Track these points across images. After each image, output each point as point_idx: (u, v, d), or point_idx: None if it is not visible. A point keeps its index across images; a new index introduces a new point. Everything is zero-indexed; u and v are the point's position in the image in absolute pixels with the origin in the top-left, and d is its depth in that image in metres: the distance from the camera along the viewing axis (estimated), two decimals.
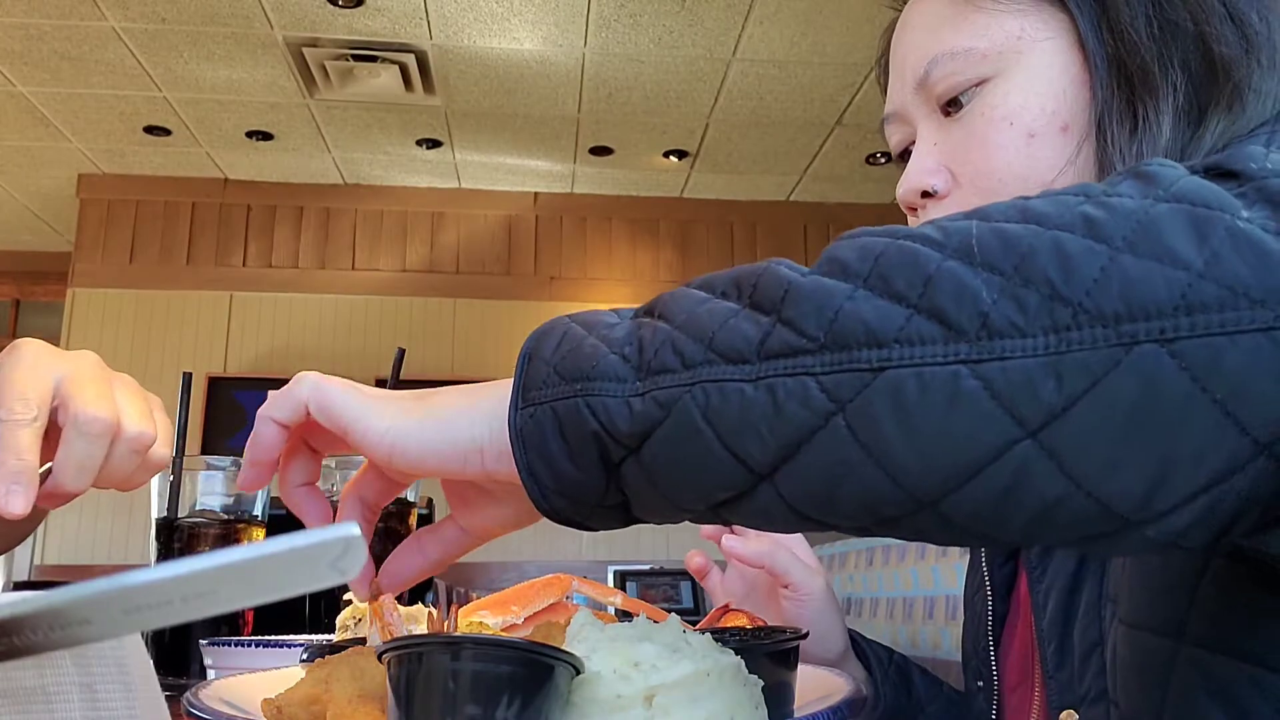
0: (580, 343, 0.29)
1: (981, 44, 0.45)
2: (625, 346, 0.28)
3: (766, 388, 0.25)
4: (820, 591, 0.56)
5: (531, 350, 0.30)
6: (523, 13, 2.68)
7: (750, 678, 0.30)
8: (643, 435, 0.27)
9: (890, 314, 0.24)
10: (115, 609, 0.22)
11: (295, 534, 0.22)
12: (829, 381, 0.25)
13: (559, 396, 0.28)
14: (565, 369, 0.29)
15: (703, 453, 0.26)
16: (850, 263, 0.26)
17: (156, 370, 3.50)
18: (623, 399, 0.27)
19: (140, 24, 2.70)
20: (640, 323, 0.29)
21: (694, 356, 0.27)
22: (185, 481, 0.69)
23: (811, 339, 0.25)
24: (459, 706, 0.26)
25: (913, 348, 0.24)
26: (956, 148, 0.46)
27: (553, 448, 0.29)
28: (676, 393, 0.26)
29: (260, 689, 0.35)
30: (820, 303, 0.25)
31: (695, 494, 0.27)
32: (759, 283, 0.27)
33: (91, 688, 0.28)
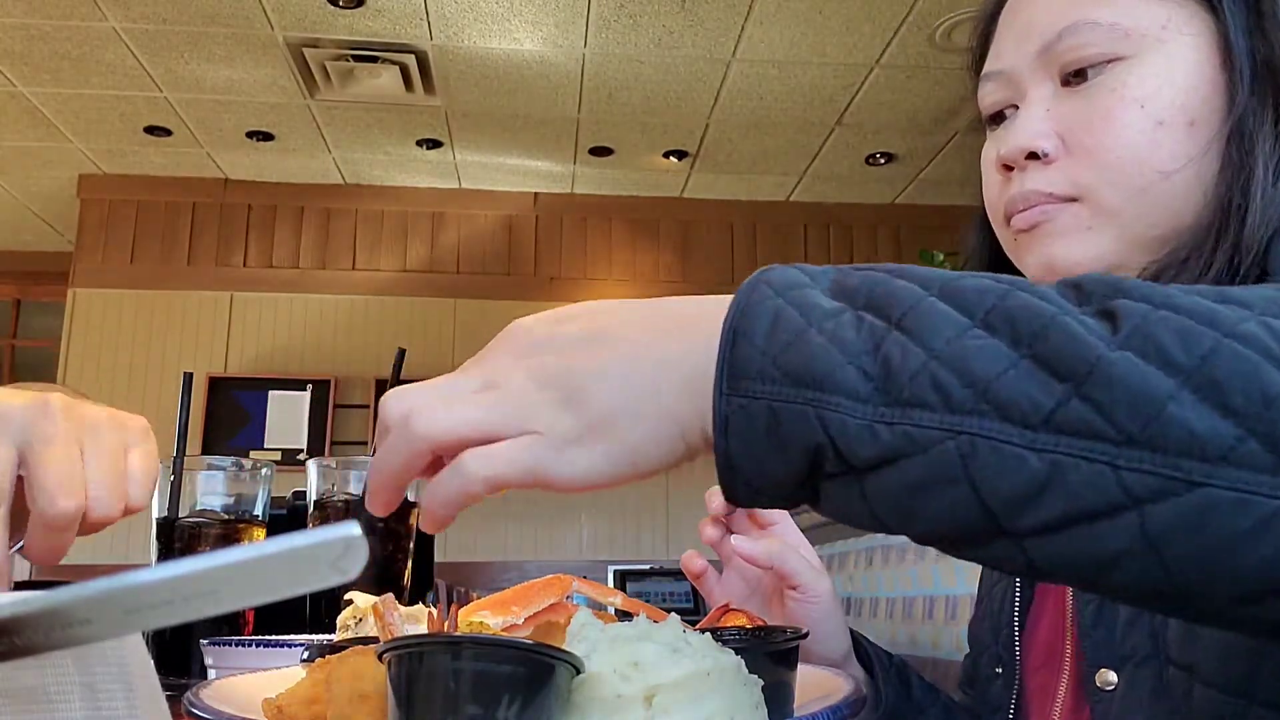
0: (802, 335, 0.26)
1: (1127, 22, 0.45)
2: (863, 357, 0.26)
3: (1053, 463, 0.23)
4: (827, 593, 0.55)
5: (737, 327, 0.27)
6: (523, 13, 2.68)
7: (750, 677, 0.30)
8: (880, 463, 0.25)
9: (1220, 430, 0.23)
10: (116, 609, 0.22)
11: (295, 534, 0.22)
12: (1131, 478, 0.23)
13: (782, 398, 0.26)
14: (790, 367, 0.26)
15: (952, 499, 0.25)
16: (1170, 350, 0.23)
17: (157, 370, 3.50)
18: (865, 423, 0.25)
19: (141, 24, 2.70)
20: (872, 326, 0.26)
21: (962, 401, 0.24)
22: (186, 481, 0.69)
23: (1120, 431, 0.23)
24: (459, 706, 0.26)
25: (1240, 471, 0.22)
26: (1075, 118, 0.46)
27: (761, 447, 0.26)
28: (936, 435, 0.24)
29: (261, 689, 0.35)
30: (1137, 396, 0.23)
31: (920, 528, 0.26)
32: (1046, 335, 0.24)
33: (92, 687, 0.28)
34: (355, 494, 0.72)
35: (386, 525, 0.72)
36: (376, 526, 0.71)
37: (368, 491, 0.33)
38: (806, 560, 0.56)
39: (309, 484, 0.74)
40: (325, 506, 0.72)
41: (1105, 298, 0.25)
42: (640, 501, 3.65)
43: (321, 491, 0.73)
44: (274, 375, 3.59)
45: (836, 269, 0.29)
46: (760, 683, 0.31)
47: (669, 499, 3.64)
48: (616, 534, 3.64)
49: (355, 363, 3.63)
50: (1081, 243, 0.46)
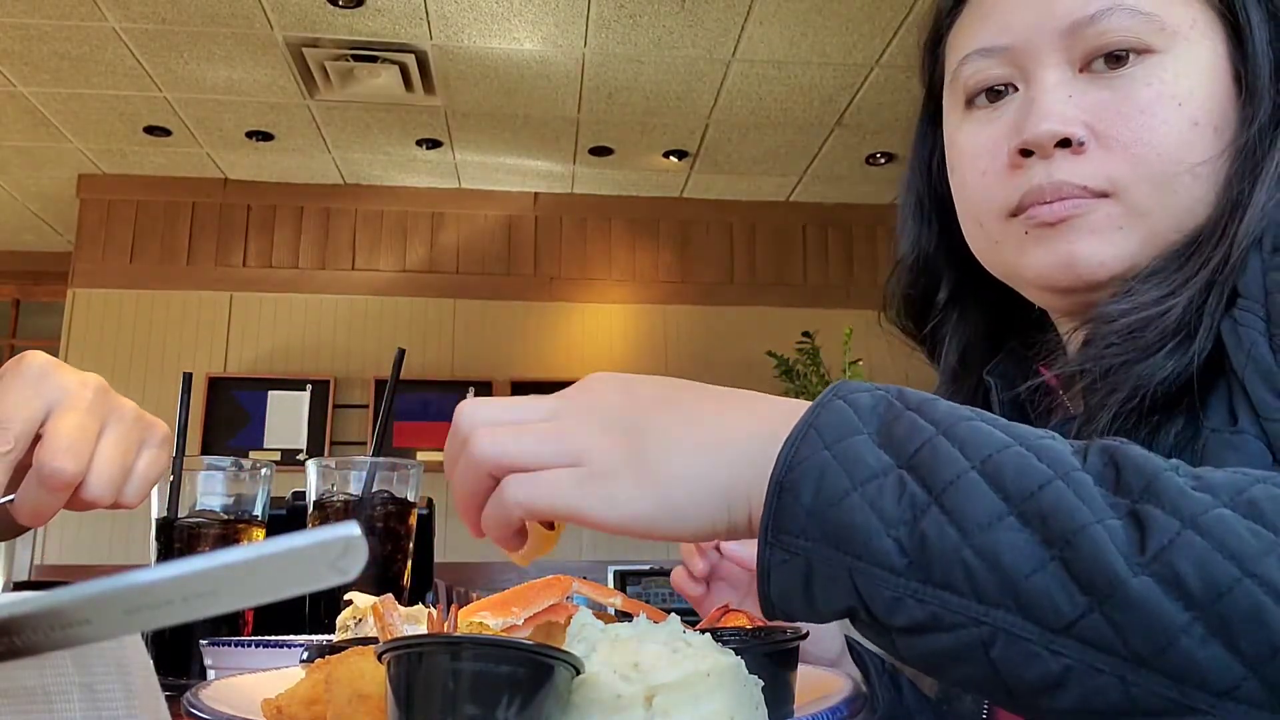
0: (844, 499, 0.28)
1: (1162, 13, 0.43)
2: (900, 529, 0.27)
3: (1065, 668, 0.25)
4: None
5: (784, 482, 0.29)
6: (523, 13, 2.68)
7: (750, 678, 0.30)
8: (908, 631, 0.27)
9: (1228, 669, 0.24)
10: (116, 609, 0.22)
11: (295, 534, 0.22)
12: (1138, 693, 0.25)
13: (820, 556, 0.28)
14: (829, 530, 0.28)
15: (976, 675, 0.27)
16: (1190, 584, 0.25)
17: (157, 370, 3.50)
18: (897, 595, 0.27)
19: (140, 24, 2.70)
20: (913, 497, 0.27)
21: (989, 594, 0.26)
22: (185, 482, 0.69)
23: (1133, 653, 0.25)
24: (459, 706, 0.26)
25: (1239, 706, 0.24)
26: (1106, 108, 0.43)
27: (797, 594, 0.29)
28: (963, 620, 0.26)
29: (260, 689, 0.35)
30: (1153, 624, 0.24)
31: (945, 682, 0.28)
32: (1076, 543, 0.25)
33: (92, 688, 0.28)
34: (354, 494, 0.72)
35: (386, 525, 0.72)
36: (376, 527, 0.71)
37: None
38: None
39: (308, 484, 0.74)
40: (325, 507, 0.72)
41: (1138, 498, 0.26)
42: None
43: (321, 492, 0.73)
44: (273, 375, 3.59)
45: (888, 404, 0.30)
46: (760, 683, 0.31)
47: None
48: (616, 534, 3.63)
49: (355, 363, 3.63)
50: (1111, 243, 0.44)
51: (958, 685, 0.30)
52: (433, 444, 3.56)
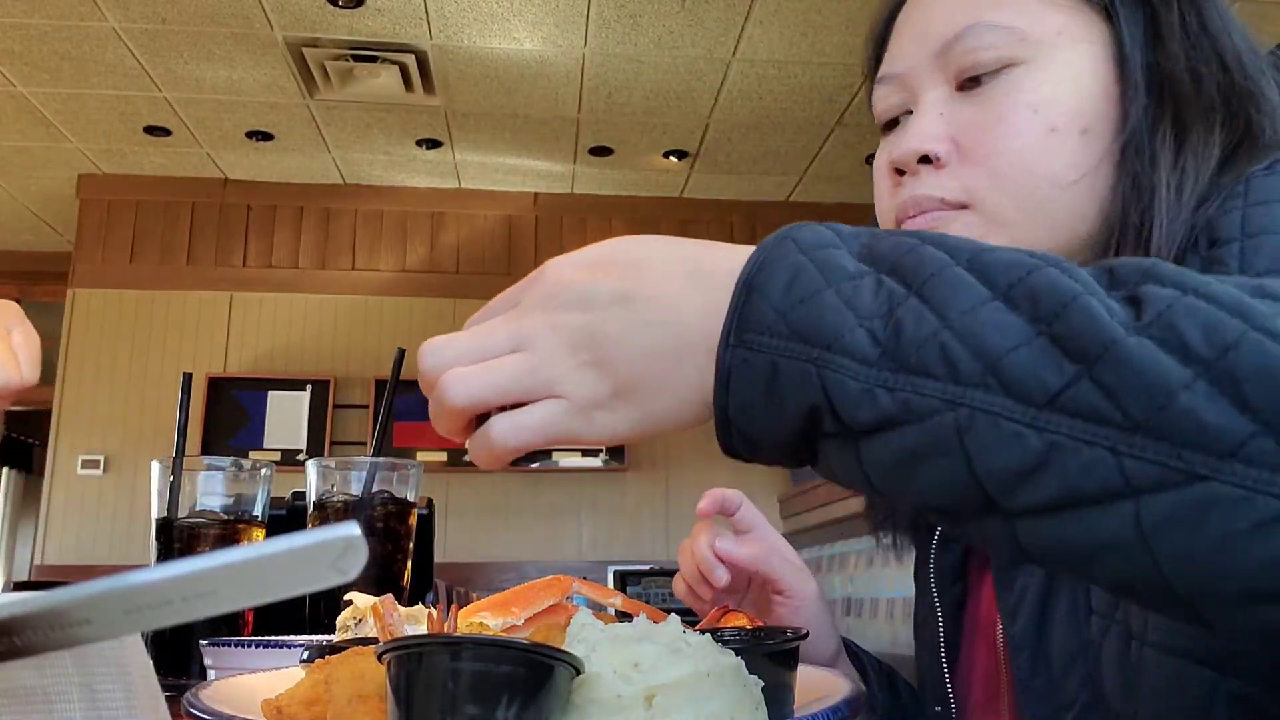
0: (818, 294, 0.26)
1: (1024, 25, 0.44)
2: (875, 321, 0.25)
3: (1051, 443, 0.23)
4: (812, 595, 0.55)
5: (752, 281, 0.27)
6: (523, 13, 2.68)
7: (750, 678, 0.30)
8: (877, 427, 0.25)
9: (1233, 425, 0.21)
10: (115, 609, 0.22)
11: (295, 534, 0.22)
12: (1132, 466, 0.22)
13: (787, 354, 0.26)
14: (798, 325, 0.26)
15: (947, 474, 0.24)
16: (1193, 343, 0.22)
17: (157, 370, 3.50)
18: (867, 387, 0.25)
19: (140, 24, 2.70)
20: (891, 291, 0.26)
21: (969, 373, 0.24)
22: (185, 482, 0.69)
23: (1125, 415, 0.22)
24: (459, 707, 0.26)
25: (1249, 468, 0.21)
26: (971, 123, 0.45)
27: (758, 403, 0.26)
28: (936, 405, 0.24)
29: (260, 689, 0.35)
30: (1150, 383, 0.22)
31: (915, 499, 0.25)
32: (1066, 315, 0.24)
33: (91, 688, 0.28)
34: (354, 494, 0.72)
35: (386, 525, 0.72)
36: (376, 527, 0.71)
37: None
38: (790, 562, 0.56)
39: (308, 484, 0.74)
40: (324, 507, 0.72)
41: (1136, 284, 0.24)
42: (640, 502, 3.65)
43: (321, 492, 0.73)
44: (273, 375, 3.59)
45: (871, 232, 0.28)
46: (760, 683, 0.31)
47: (669, 499, 3.64)
48: (616, 534, 3.64)
49: (354, 363, 3.63)
50: None
51: (924, 503, 0.25)
52: (433, 444, 3.56)
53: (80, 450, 3.44)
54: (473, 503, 3.54)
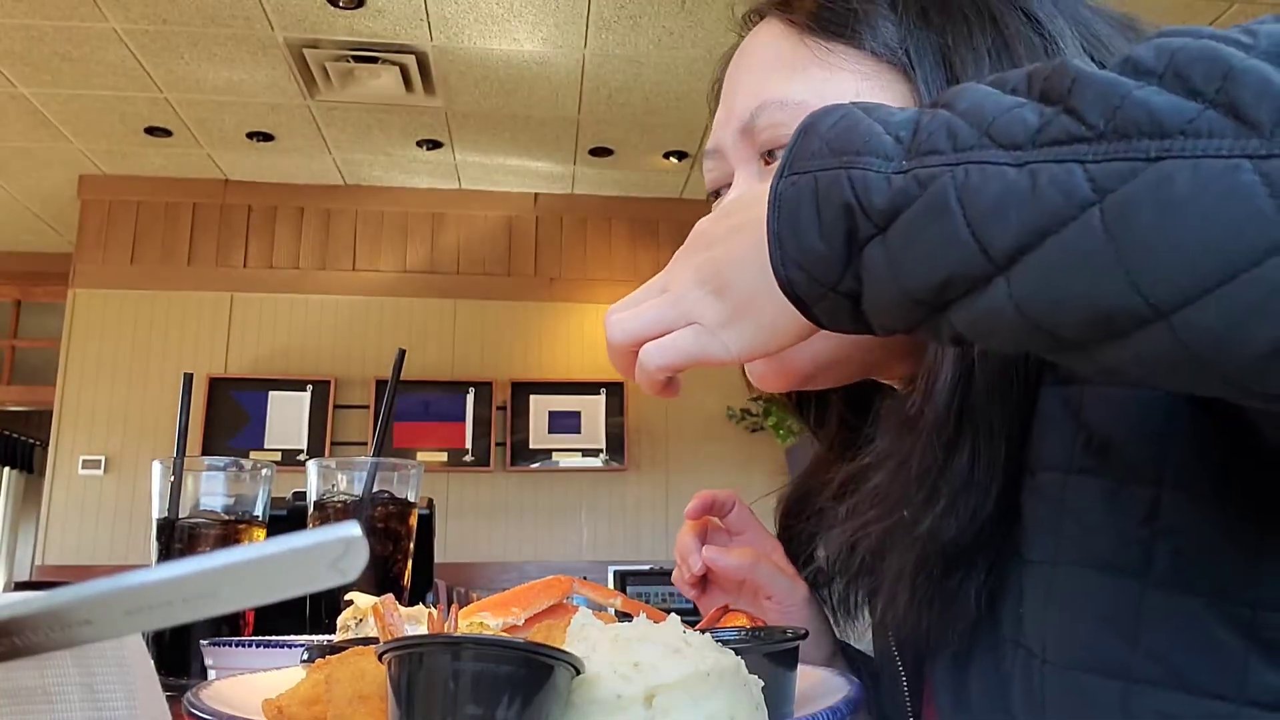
0: (857, 122, 0.29)
1: (814, 100, 0.42)
2: (901, 129, 0.28)
3: (1029, 172, 0.25)
4: (802, 600, 0.55)
5: (809, 125, 0.31)
6: (523, 14, 2.68)
7: (750, 678, 0.30)
8: (894, 212, 0.27)
9: (1180, 107, 0.23)
10: (116, 609, 0.22)
11: (295, 534, 0.22)
12: (1098, 170, 0.24)
13: (824, 167, 0.29)
14: (836, 143, 0.29)
15: (947, 234, 0.26)
16: (1145, 59, 0.25)
17: (157, 371, 3.50)
18: (885, 174, 0.27)
19: (141, 25, 2.70)
20: (923, 110, 0.29)
21: (967, 140, 0.26)
22: (186, 482, 0.69)
23: (1091, 126, 0.24)
24: (459, 707, 0.26)
25: (1198, 140, 0.22)
26: None
27: (804, 216, 0.29)
28: (938, 171, 0.26)
29: (261, 689, 0.35)
30: (1107, 91, 0.24)
31: (929, 282, 0.27)
32: (1050, 76, 0.26)
33: (92, 688, 0.28)
34: (355, 494, 0.72)
35: (386, 526, 0.72)
36: (376, 527, 0.71)
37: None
38: (779, 568, 0.55)
39: (309, 484, 0.74)
40: (325, 507, 0.72)
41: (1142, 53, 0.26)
42: (640, 502, 3.65)
43: (321, 492, 0.73)
44: (274, 376, 3.59)
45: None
46: (760, 683, 0.31)
47: (669, 499, 3.64)
48: (616, 534, 3.64)
49: (355, 363, 3.63)
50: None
51: (932, 280, 0.27)
52: (433, 444, 3.56)
53: (81, 450, 3.44)
54: (473, 503, 3.54)
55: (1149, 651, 0.31)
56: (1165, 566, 0.31)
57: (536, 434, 3.62)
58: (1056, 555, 0.35)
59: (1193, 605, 0.31)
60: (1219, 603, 0.30)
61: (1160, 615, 0.31)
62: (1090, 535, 0.34)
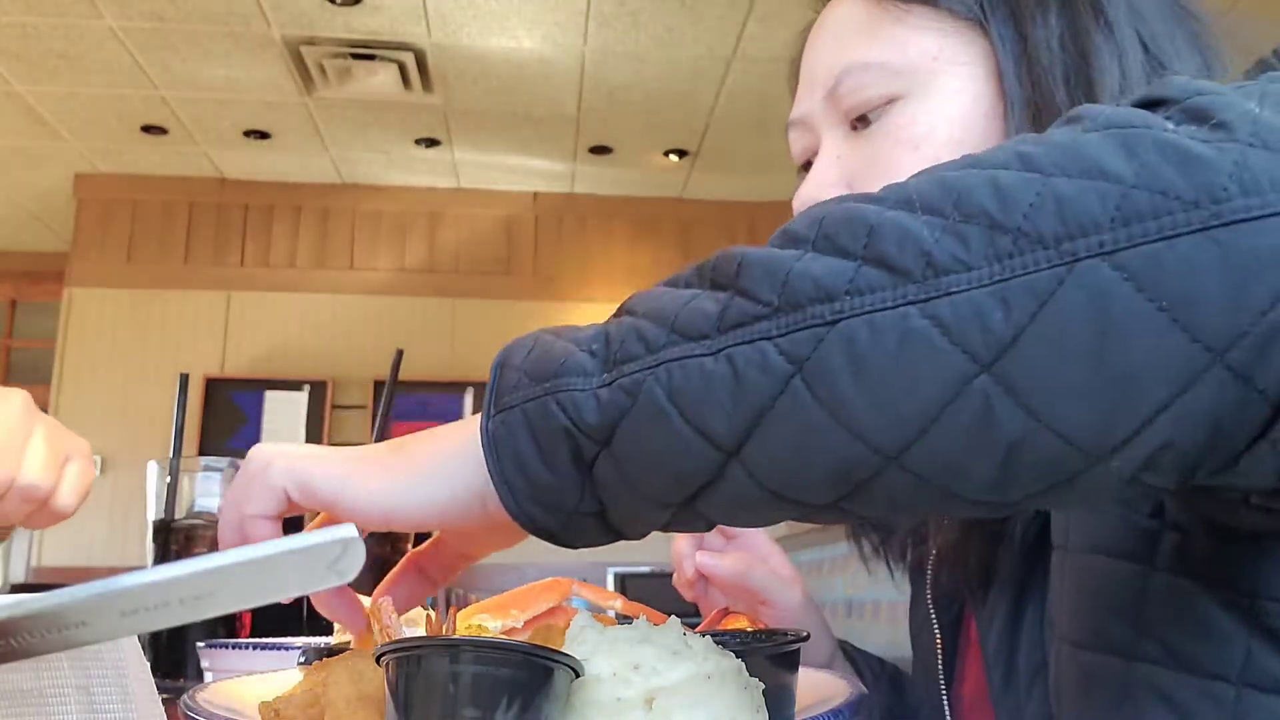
0: (549, 346, 0.29)
1: (896, 59, 0.43)
2: (593, 344, 0.29)
3: (726, 358, 0.25)
4: (799, 604, 0.55)
5: (503, 360, 0.30)
6: (522, 11, 2.68)
7: (751, 680, 0.30)
8: (611, 426, 0.27)
9: (838, 269, 0.25)
10: (112, 611, 0.22)
11: (293, 536, 0.22)
12: (785, 343, 0.25)
13: (529, 398, 0.28)
14: (534, 371, 0.29)
15: (670, 435, 0.26)
16: (798, 231, 0.27)
17: (154, 371, 3.50)
18: (590, 391, 0.28)
19: (137, 23, 2.69)
20: (609, 322, 0.30)
21: (657, 340, 0.27)
22: (182, 483, 0.68)
23: (765, 304, 0.25)
24: (458, 709, 0.26)
25: (862, 296, 0.24)
26: (861, 165, 0.45)
27: (525, 450, 0.28)
28: (641, 377, 0.27)
29: (258, 691, 0.35)
30: (772, 268, 0.26)
31: (666, 483, 0.27)
32: (716, 264, 0.28)
33: (88, 690, 0.28)
34: None
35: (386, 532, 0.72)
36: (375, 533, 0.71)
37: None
38: (773, 573, 0.55)
39: None
40: None
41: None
42: None
43: None
44: (271, 376, 3.58)
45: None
46: (761, 686, 0.30)
47: None
48: None
49: (352, 363, 3.62)
50: None
51: (672, 483, 0.27)
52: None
53: None
54: None
55: (1151, 633, 0.32)
56: (1170, 553, 0.32)
57: None
58: (1068, 541, 0.35)
59: (1195, 590, 0.31)
60: (1221, 590, 0.30)
61: (1163, 598, 0.32)
62: (1101, 523, 0.34)
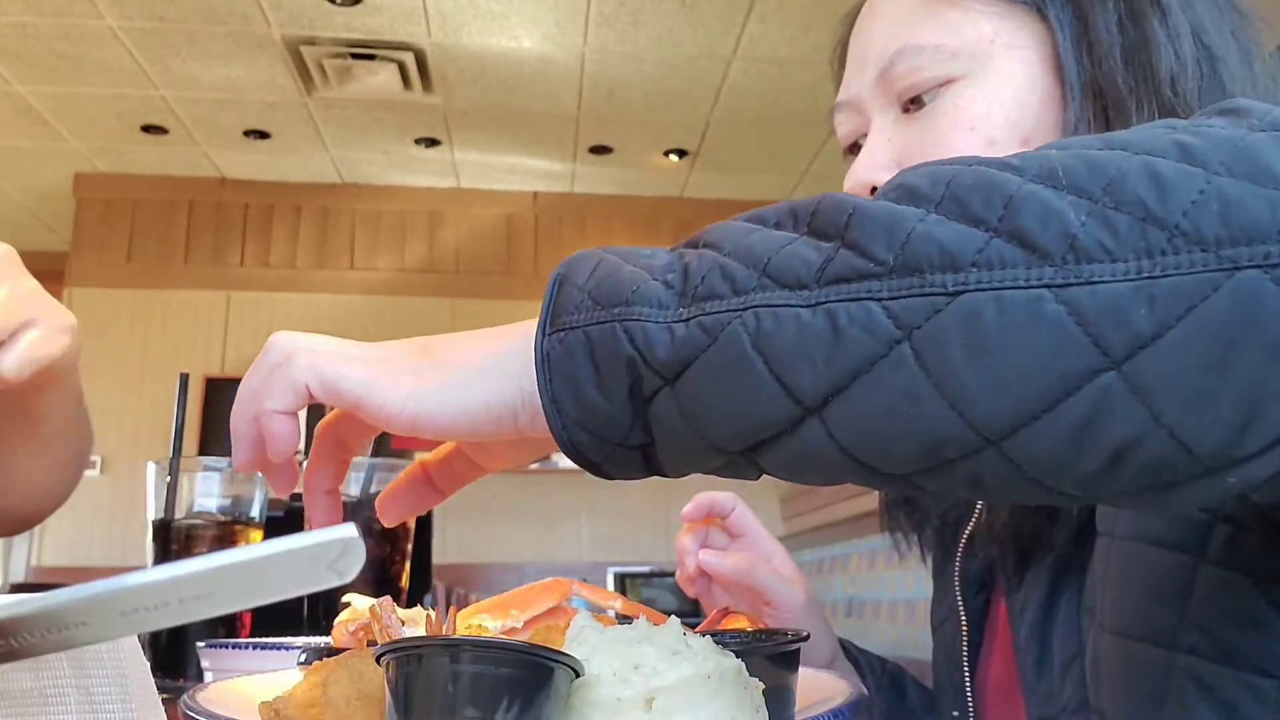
0: (617, 269, 0.28)
1: (953, 41, 0.43)
2: (668, 274, 0.27)
3: (826, 313, 0.24)
4: (801, 604, 0.55)
5: (562, 275, 0.28)
6: (522, 11, 2.68)
7: (751, 680, 0.30)
8: (683, 364, 0.26)
9: (967, 237, 0.23)
10: (112, 611, 0.22)
11: (292, 536, 0.22)
12: (897, 307, 0.23)
13: (593, 321, 0.27)
14: (601, 294, 0.27)
15: (749, 383, 0.25)
16: (920, 188, 0.25)
17: (153, 371, 3.50)
18: (664, 324, 0.26)
19: (137, 22, 2.69)
20: (683, 252, 0.28)
21: (746, 282, 0.25)
22: (182, 483, 0.68)
23: (879, 263, 0.24)
24: (458, 709, 0.26)
25: (992, 271, 0.22)
26: (914, 146, 0.44)
27: (582, 375, 0.27)
28: (725, 318, 0.25)
29: (258, 691, 0.35)
30: (889, 225, 0.24)
31: (733, 430, 0.25)
32: (818, 209, 0.26)
33: (88, 690, 0.28)
34: (352, 495, 0.72)
35: (384, 527, 0.72)
36: (374, 528, 0.71)
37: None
38: (777, 573, 0.55)
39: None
40: None
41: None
42: (640, 503, 3.65)
43: None
44: None
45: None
46: (761, 686, 0.30)
47: (669, 501, 3.64)
48: (616, 536, 3.64)
49: None
50: None
51: (742, 432, 0.25)
52: (432, 445, 3.54)
53: None
54: (472, 504, 3.54)
55: (1197, 624, 0.31)
56: (1221, 545, 0.31)
57: None
58: (1115, 529, 0.35)
59: (1244, 584, 0.31)
60: (1270, 585, 0.30)
61: (1211, 590, 0.31)
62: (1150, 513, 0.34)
